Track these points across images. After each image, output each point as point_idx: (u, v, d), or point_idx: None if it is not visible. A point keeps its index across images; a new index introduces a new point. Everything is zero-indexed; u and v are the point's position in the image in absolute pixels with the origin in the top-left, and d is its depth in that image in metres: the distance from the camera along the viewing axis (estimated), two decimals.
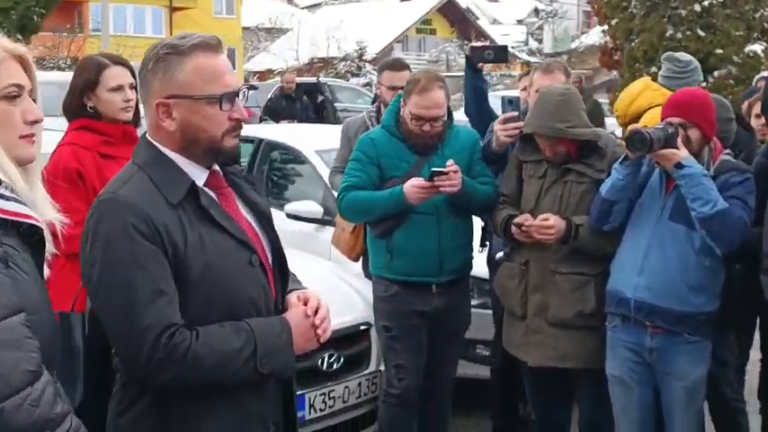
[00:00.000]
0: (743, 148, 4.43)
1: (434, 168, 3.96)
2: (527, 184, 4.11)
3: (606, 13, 21.10)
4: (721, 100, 4.19)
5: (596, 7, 23.48)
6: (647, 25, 18.35)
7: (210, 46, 2.21)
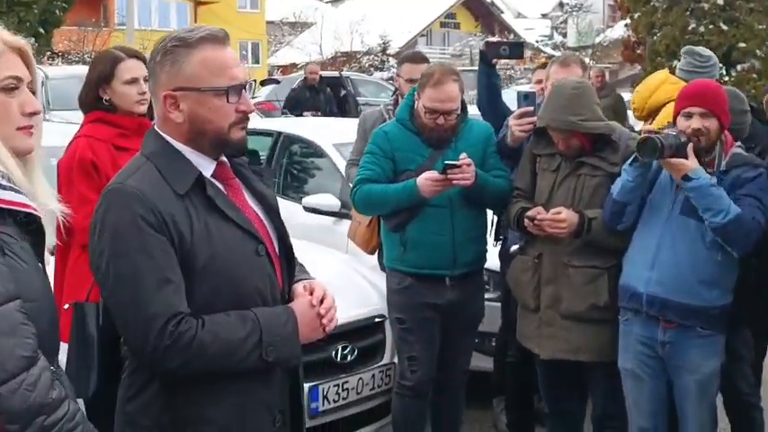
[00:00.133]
0: (759, 141, 4.40)
1: (447, 161, 3.98)
2: (541, 177, 4.11)
3: (629, 6, 20.92)
4: (735, 92, 4.16)
5: (619, 1, 23.32)
6: (669, 19, 18.17)
7: (218, 39, 2.23)
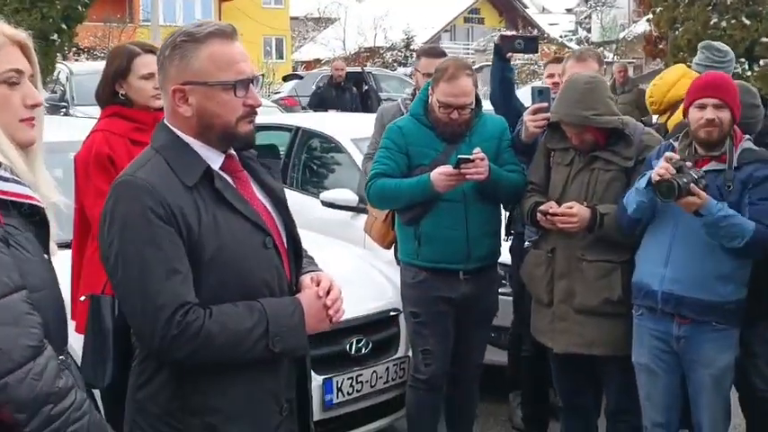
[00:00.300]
0: None
1: (461, 156, 3.99)
2: (554, 171, 4.11)
3: (651, 1, 20.69)
4: (746, 86, 4.14)
5: None
6: (691, 13, 17.95)
7: (226, 34, 2.26)
